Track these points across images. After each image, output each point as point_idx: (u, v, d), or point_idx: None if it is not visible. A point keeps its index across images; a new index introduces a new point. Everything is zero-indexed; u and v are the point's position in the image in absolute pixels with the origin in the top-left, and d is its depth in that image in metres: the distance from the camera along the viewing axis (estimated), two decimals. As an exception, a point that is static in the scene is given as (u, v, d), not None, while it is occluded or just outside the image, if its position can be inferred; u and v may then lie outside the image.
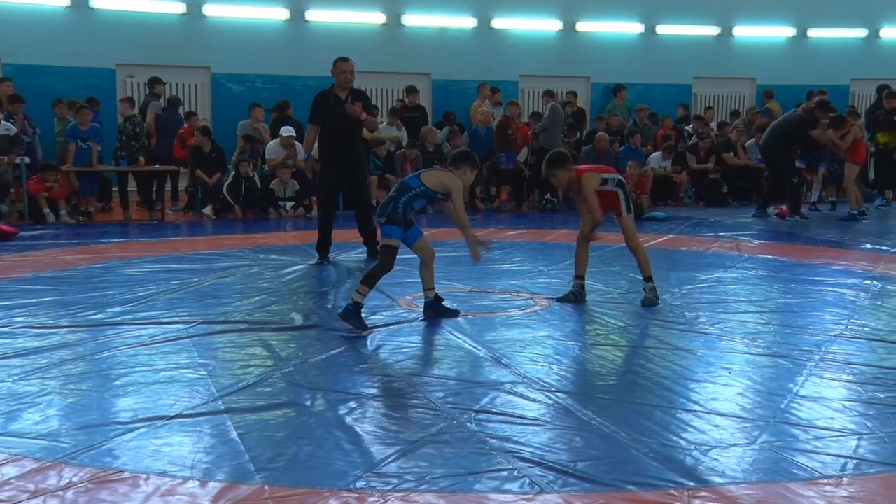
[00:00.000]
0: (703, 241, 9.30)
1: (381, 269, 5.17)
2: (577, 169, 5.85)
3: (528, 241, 9.24)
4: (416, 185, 5.22)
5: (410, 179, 5.32)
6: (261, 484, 2.88)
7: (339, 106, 7.57)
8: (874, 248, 8.85)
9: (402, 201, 5.18)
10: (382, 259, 5.19)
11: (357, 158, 7.89)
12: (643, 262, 5.88)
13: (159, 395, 3.83)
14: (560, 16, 16.58)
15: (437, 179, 5.27)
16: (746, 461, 3.12)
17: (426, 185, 5.21)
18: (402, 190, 5.25)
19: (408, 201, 5.19)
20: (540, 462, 3.07)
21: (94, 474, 2.93)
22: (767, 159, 12.02)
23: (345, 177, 7.80)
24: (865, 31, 18.05)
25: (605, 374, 4.41)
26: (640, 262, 5.89)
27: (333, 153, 7.71)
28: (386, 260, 5.16)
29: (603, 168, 6.17)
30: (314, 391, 3.89)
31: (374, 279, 5.18)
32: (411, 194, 5.20)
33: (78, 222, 10.82)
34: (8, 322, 5.19)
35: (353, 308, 5.06)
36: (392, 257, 5.17)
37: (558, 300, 5.99)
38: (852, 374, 4.23)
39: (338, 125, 7.61)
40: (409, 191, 5.21)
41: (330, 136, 7.66)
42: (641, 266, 5.90)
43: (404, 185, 5.30)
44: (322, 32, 15.18)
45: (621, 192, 5.80)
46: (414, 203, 5.22)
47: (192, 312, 5.52)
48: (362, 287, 5.13)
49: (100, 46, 13.88)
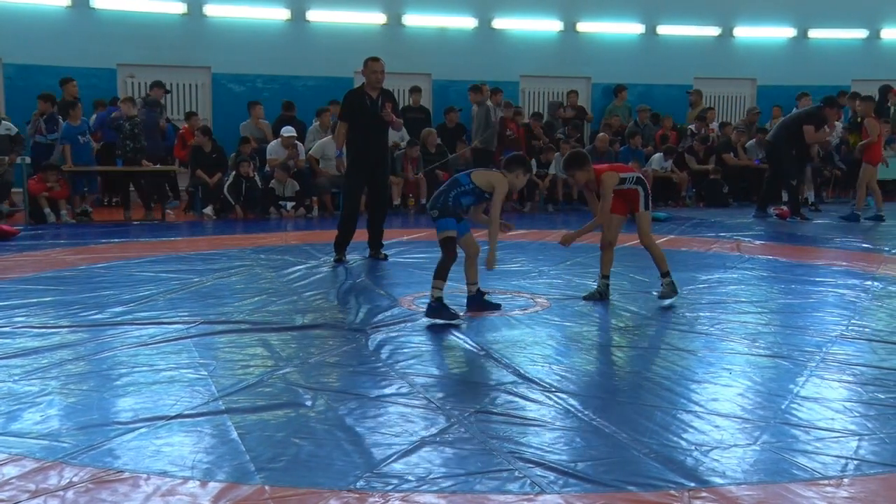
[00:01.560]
0: (704, 241, 9.31)
1: (449, 261, 5.36)
2: (595, 168, 5.87)
3: (529, 242, 9.24)
4: (466, 183, 5.41)
5: (461, 176, 5.51)
6: (261, 484, 2.88)
7: (373, 106, 7.62)
8: (874, 248, 8.85)
9: (452, 196, 5.37)
10: (446, 251, 5.37)
11: (383, 159, 7.94)
12: (659, 258, 5.92)
13: (160, 395, 3.83)
14: (560, 16, 16.59)
15: (486, 179, 5.45)
16: (747, 462, 3.12)
17: (475, 183, 5.39)
18: (453, 185, 5.44)
19: (456, 196, 5.38)
20: (540, 462, 3.07)
21: (94, 474, 2.93)
22: (774, 156, 11.78)
23: (369, 176, 7.81)
24: (866, 32, 18.06)
25: (605, 374, 4.42)
26: (656, 258, 5.93)
27: (362, 152, 7.72)
28: (449, 251, 5.36)
29: (622, 167, 6.17)
30: (314, 391, 3.89)
31: (446, 270, 5.36)
32: (460, 190, 5.39)
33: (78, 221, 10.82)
34: (8, 322, 5.19)
35: (437, 304, 5.26)
36: (454, 247, 5.39)
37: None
38: (853, 375, 4.23)
39: (368, 125, 7.66)
40: (458, 186, 5.41)
41: (360, 135, 7.69)
42: (657, 262, 5.93)
43: (455, 180, 5.49)
44: (322, 32, 15.20)
45: (641, 189, 5.85)
46: (462, 199, 5.40)
47: (193, 312, 5.52)
48: (437, 282, 5.31)
49: (100, 46, 13.90)
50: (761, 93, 17.59)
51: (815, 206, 12.89)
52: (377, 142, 7.75)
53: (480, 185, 5.38)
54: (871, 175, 11.45)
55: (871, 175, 11.45)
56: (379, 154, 7.81)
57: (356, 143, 7.74)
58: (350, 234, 7.77)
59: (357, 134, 7.71)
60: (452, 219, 5.38)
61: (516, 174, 5.48)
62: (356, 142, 7.74)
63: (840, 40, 17.89)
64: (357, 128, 7.70)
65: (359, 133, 7.70)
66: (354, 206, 7.89)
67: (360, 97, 7.72)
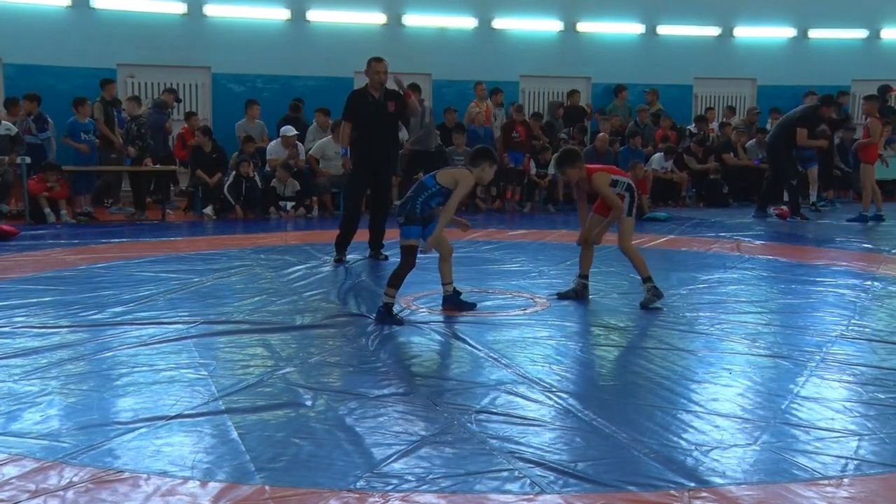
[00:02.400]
0: (704, 241, 9.31)
1: (405, 269, 5.32)
2: (587, 168, 5.86)
3: (529, 242, 9.24)
4: (432, 185, 5.35)
5: (427, 179, 5.45)
6: (261, 484, 2.88)
7: (377, 106, 7.62)
8: (875, 248, 8.85)
9: (420, 201, 5.33)
10: (404, 259, 5.33)
11: (387, 159, 7.94)
12: (638, 264, 5.85)
13: (160, 395, 3.83)
14: (560, 16, 16.58)
15: (450, 177, 5.40)
16: (747, 462, 3.12)
17: (441, 183, 5.34)
18: (419, 190, 5.38)
19: (425, 200, 5.34)
20: (540, 462, 3.07)
21: (94, 474, 2.93)
22: (773, 157, 11.77)
23: (372, 176, 7.81)
24: (866, 32, 18.04)
25: (605, 374, 4.42)
26: (635, 264, 5.87)
27: (368, 152, 7.72)
28: (408, 259, 5.32)
29: (614, 170, 6.17)
30: (314, 391, 3.89)
31: (400, 279, 5.32)
32: (428, 194, 5.34)
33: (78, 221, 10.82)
34: (8, 322, 5.19)
35: (385, 309, 5.24)
36: (413, 256, 5.34)
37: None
38: (853, 375, 4.23)
39: (374, 125, 7.66)
40: (425, 190, 5.35)
41: (365, 135, 7.69)
42: (637, 268, 5.87)
43: (421, 185, 5.43)
44: (322, 32, 15.19)
45: (628, 197, 5.82)
46: (431, 202, 5.36)
47: (193, 312, 5.52)
48: (389, 289, 5.29)
49: (100, 46, 13.89)
50: (761, 93, 17.58)
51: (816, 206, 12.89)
52: (381, 142, 7.74)
53: (447, 184, 5.32)
54: (870, 175, 11.45)
55: (870, 175, 11.45)
56: (383, 154, 7.80)
57: (360, 143, 7.74)
58: (352, 234, 7.77)
59: (361, 134, 7.71)
60: (418, 226, 5.34)
61: (482, 167, 5.44)
62: (360, 142, 7.74)
63: (840, 40, 17.87)
64: (361, 128, 7.70)
65: (362, 133, 7.70)
66: (357, 206, 7.88)
67: (364, 97, 7.72)
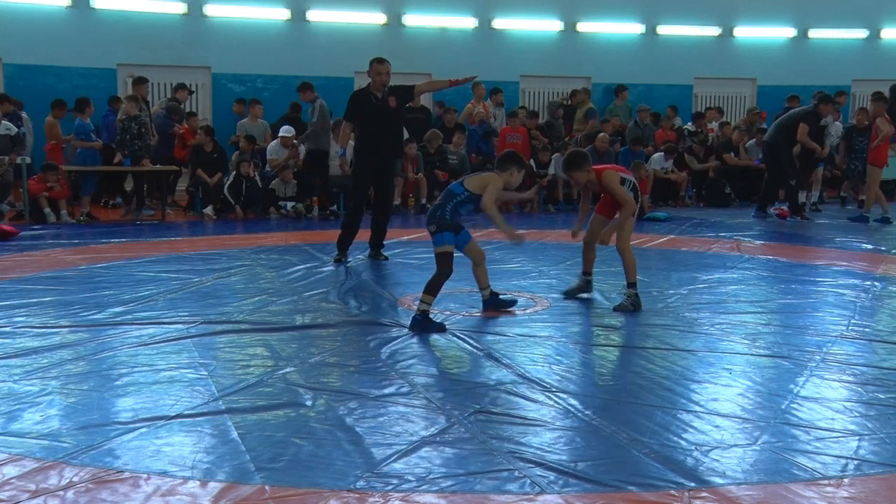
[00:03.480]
0: (704, 241, 9.30)
1: (442, 276, 5.27)
2: (595, 169, 5.85)
3: (529, 242, 9.22)
4: (460, 192, 5.34)
5: (455, 186, 5.44)
6: (261, 484, 2.88)
7: (380, 105, 7.60)
8: (875, 248, 8.85)
9: (449, 208, 5.30)
10: (441, 266, 5.27)
11: (390, 159, 7.94)
12: (629, 266, 5.80)
13: (160, 395, 3.83)
14: (561, 16, 16.59)
15: (478, 182, 5.38)
16: (747, 462, 3.12)
17: (469, 189, 5.32)
18: (448, 197, 5.36)
19: (454, 207, 5.32)
20: (540, 462, 3.07)
21: (94, 474, 2.93)
22: (772, 156, 11.73)
23: (375, 176, 7.81)
24: (866, 32, 18.04)
25: (605, 374, 4.42)
26: (626, 265, 5.81)
27: (371, 152, 7.72)
28: (445, 266, 5.26)
29: (622, 169, 6.15)
30: (314, 391, 3.89)
31: (437, 286, 5.26)
32: (456, 201, 5.32)
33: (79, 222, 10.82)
34: (8, 322, 5.19)
35: (422, 317, 5.15)
36: (450, 262, 5.28)
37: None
38: (853, 375, 4.23)
39: (377, 125, 7.65)
40: (454, 198, 5.33)
41: (368, 135, 7.68)
42: (627, 270, 5.80)
43: (449, 192, 5.41)
44: (323, 32, 15.20)
45: (633, 197, 5.81)
46: (461, 209, 5.35)
47: (193, 312, 5.52)
48: (426, 296, 5.21)
49: (100, 46, 13.90)
50: (761, 93, 17.58)
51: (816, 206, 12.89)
52: (384, 142, 7.74)
53: (475, 189, 5.31)
54: (877, 177, 11.38)
55: (877, 177, 11.38)
56: (386, 154, 7.80)
57: (363, 143, 7.74)
58: (354, 233, 7.77)
59: (364, 134, 7.71)
60: (450, 232, 5.31)
61: (510, 172, 5.41)
62: (363, 142, 7.74)
63: (840, 40, 17.88)
64: (364, 128, 7.70)
65: (366, 133, 7.70)
66: (360, 206, 7.88)
67: (367, 97, 7.72)
